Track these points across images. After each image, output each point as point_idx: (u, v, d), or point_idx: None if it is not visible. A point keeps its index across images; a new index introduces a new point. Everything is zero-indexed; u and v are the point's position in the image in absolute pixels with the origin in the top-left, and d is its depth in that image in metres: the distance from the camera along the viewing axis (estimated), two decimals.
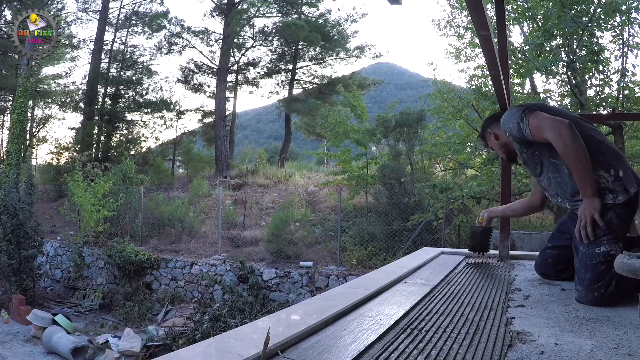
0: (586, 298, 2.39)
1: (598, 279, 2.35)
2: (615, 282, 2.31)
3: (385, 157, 16.04)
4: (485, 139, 3.34)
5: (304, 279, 11.93)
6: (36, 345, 10.04)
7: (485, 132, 3.30)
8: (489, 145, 3.38)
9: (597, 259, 2.40)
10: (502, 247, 4.02)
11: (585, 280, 2.40)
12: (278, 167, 24.63)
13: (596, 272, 2.37)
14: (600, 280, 2.34)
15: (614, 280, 2.31)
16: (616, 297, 2.34)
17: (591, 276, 2.39)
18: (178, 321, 10.81)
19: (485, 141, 3.37)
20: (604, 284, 2.34)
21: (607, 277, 2.33)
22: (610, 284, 2.33)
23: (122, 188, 16.32)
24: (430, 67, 31.21)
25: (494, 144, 3.28)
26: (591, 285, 2.37)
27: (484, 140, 3.37)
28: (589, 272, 2.40)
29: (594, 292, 2.36)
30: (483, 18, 2.29)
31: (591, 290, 2.37)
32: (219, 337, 1.76)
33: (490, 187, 10.38)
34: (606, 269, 2.34)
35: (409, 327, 1.89)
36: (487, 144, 3.40)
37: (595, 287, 2.35)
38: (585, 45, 9.27)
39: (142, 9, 28.68)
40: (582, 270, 2.46)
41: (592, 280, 2.37)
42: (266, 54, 29.32)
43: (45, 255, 15.42)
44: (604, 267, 2.35)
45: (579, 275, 2.48)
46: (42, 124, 29.19)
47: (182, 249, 14.80)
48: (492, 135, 3.22)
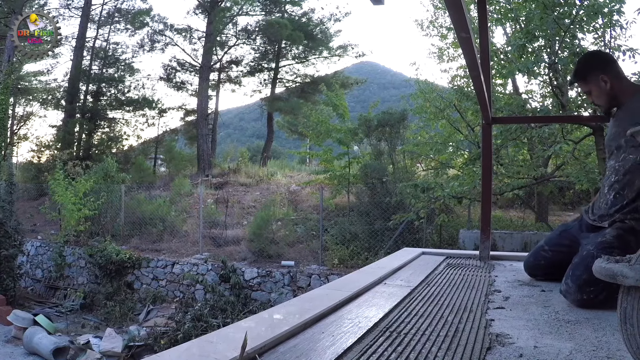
0: (573, 296, 2.39)
1: (593, 283, 2.30)
2: (606, 293, 2.29)
3: (368, 157, 16.07)
4: (589, 80, 2.93)
5: (285, 278, 11.91)
6: (17, 346, 9.91)
7: (595, 73, 2.87)
8: (586, 86, 2.99)
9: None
10: (483, 248, 4.02)
11: (580, 280, 2.38)
12: (260, 166, 24.57)
13: (594, 277, 2.34)
14: (594, 286, 2.31)
15: (606, 291, 2.29)
16: (602, 305, 2.32)
17: (587, 278, 2.34)
18: (160, 321, 10.74)
19: (586, 81, 2.96)
20: (595, 290, 2.32)
21: (601, 285, 2.28)
22: (602, 293, 2.31)
23: (103, 187, 16.17)
24: (413, 67, 31.44)
25: (598, 89, 2.88)
26: (584, 286, 2.34)
27: (585, 80, 2.97)
28: (586, 273, 2.34)
29: (583, 294, 2.35)
30: (463, 20, 2.27)
31: (582, 291, 2.35)
32: (201, 339, 1.74)
33: (471, 187, 10.41)
34: None
35: (388, 329, 1.88)
36: (582, 84, 3.05)
37: (587, 290, 2.34)
38: (567, 47, 9.33)
39: (124, 6, 28.39)
40: (580, 268, 2.43)
41: (588, 282, 2.34)
42: (249, 52, 29.20)
43: (26, 255, 15.27)
44: None
45: (575, 273, 2.44)
46: (23, 122, 28.85)
47: (164, 248, 14.71)
48: (606, 82, 2.82)
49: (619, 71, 2.86)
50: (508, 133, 10.38)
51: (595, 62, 2.99)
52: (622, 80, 2.83)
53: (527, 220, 14.70)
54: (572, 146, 10.15)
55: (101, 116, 27.39)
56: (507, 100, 11.33)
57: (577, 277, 2.40)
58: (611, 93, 2.82)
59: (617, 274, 1.28)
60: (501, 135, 10.30)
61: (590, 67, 2.93)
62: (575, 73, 3.05)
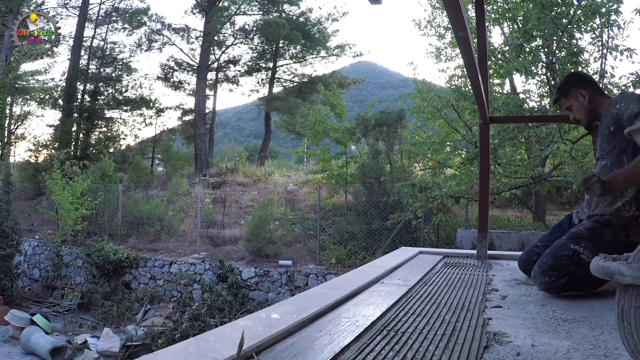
0: (538, 280, 2.63)
1: (555, 268, 2.57)
2: (568, 278, 2.52)
3: (365, 156, 16.06)
4: (569, 96, 3.17)
5: (283, 277, 11.90)
6: (14, 345, 9.87)
7: (575, 89, 3.13)
8: (568, 101, 3.20)
9: (565, 251, 2.57)
10: (480, 247, 4.03)
11: (545, 265, 2.62)
12: (258, 165, 24.54)
13: (557, 263, 2.56)
14: (556, 270, 2.57)
15: (568, 276, 2.54)
16: (565, 290, 2.57)
17: (551, 263, 2.59)
18: (157, 321, 10.72)
19: (567, 97, 3.19)
20: (558, 274, 2.54)
21: (563, 271, 2.53)
22: (563, 277, 2.53)
23: (100, 186, 16.14)
24: (411, 66, 31.55)
25: (579, 105, 3.12)
26: (548, 270, 2.60)
27: (566, 95, 3.19)
28: (551, 259, 2.62)
29: (545, 277, 2.59)
30: (461, 19, 2.27)
31: (545, 274, 2.59)
32: (198, 338, 1.74)
33: (469, 187, 10.40)
34: (568, 264, 2.53)
35: (386, 328, 1.88)
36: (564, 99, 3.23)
37: (549, 273, 2.57)
38: (565, 47, 9.33)
39: (122, 5, 28.36)
40: (548, 254, 2.68)
41: (551, 267, 2.59)
42: (247, 52, 29.17)
43: (23, 255, 15.21)
44: (566, 261, 2.53)
45: (542, 259, 2.68)
46: (21, 121, 28.77)
47: (161, 248, 14.69)
48: (584, 97, 3.07)
49: (597, 88, 3.15)
50: (505, 133, 10.38)
51: (575, 79, 3.27)
52: (599, 95, 3.09)
53: (525, 220, 14.72)
54: (569, 146, 10.15)
55: (99, 116, 27.34)
56: (504, 100, 11.33)
57: (544, 263, 2.65)
58: (589, 107, 3.08)
59: (614, 272, 1.28)
60: (499, 135, 10.30)
61: (570, 84, 3.21)
62: (558, 89, 3.30)
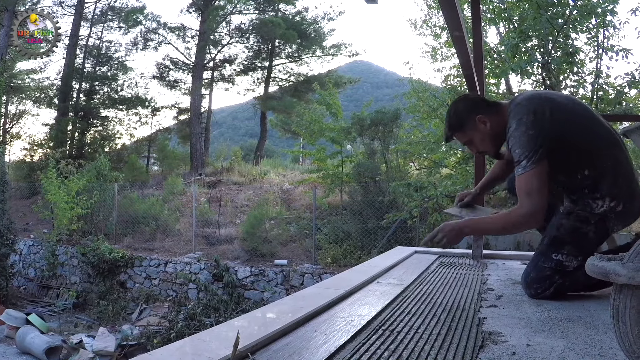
0: (525, 290, 2.51)
1: (539, 280, 2.42)
2: (554, 289, 2.39)
3: (361, 156, 16.08)
4: (467, 128, 2.66)
5: (278, 277, 11.90)
6: (9, 345, 9.87)
7: (471, 118, 2.62)
8: (466, 136, 2.71)
9: (548, 263, 2.42)
10: (475, 247, 4.03)
11: (528, 277, 2.47)
12: (253, 164, 24.55)
13: (540, 275, 2.42)
14: (540, 283, 2.41)
15: (553, 287, 2.39)
16: (553, 298, 2.41)
17: (534, 276, 2.44)
18: (153, 320, 10.72)
19: (464, 131, 2.68)
20: (542, 286, 2.41)
21: (547, 282, 2.40)
22: (549, 289, 2.39)
23: (96, 185, 16.10)
24: (407, 66, 31.33)
25: (480, 135, 2.65)
26: (532, 283, 2.45)
27: (462, 130, 2.68)
28: (534, 271, 2.46)
29: (531, 289, 2.45)
30: (457, 19, 2.28)
31: (530, 287, 2.45)
32: (193, 337, 1.73)
33: (464, 186, 10.43)
34: (551, 275, 2.39)
35: (381, 328, 1.88)
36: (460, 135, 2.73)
37: (534, 286, 2.43)
38: (561, 47, 9.37)
39: (118, 4, 28.28)
40: (531, 265, 2.51)
41: (534, 279, 2.44)
42: (242, 51, 29.18)
43: (18, 254, 15.18)
44: (549, 272, 2.40)
45: (526, 269, 2.54)
46: (16, 120, 28.64)
47: (157, 247, 14.68)
48: (485, 123, 2.59)
49: (491, 106, 2.67)
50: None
51: (466, 106, 2.70)
52: (497, 114, 2.60)
53: None
54: None
55: (94, 115, 27.30)
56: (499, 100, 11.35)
57: (527, 274, 2.51)
58: (492, 133, 2.61)
59: (609, 272, 1.28)
60: None
61: (463, 113, 2.67)
62: (450, 126, 2.73)
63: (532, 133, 2.30)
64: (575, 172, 2.42)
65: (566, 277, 2.38)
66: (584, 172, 2.40)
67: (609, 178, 2.38)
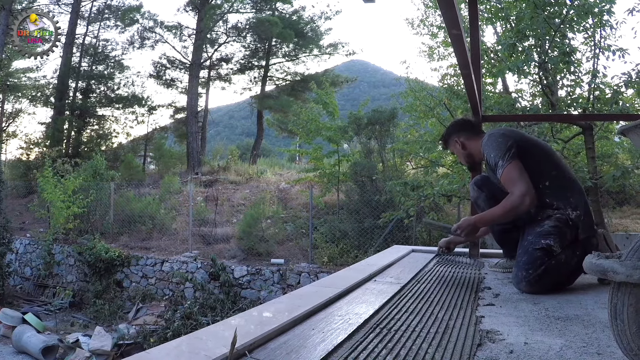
0: (517, 278, 2.72)
1: (531, 261, 2.68)
2: (544, 269, 2.65)
3: (357, 155, 16.06)
4: (449, 144, 3.46)
5: (275, 276, 11.89)
6: (6, 344, 9.86)
7: (451, 138, 3.42)
8: (450, 150, 3.53)
9: (538, 245, 2.70)
10: (473, 246, 4.03)
11: (521, 262, 2.74)
12: (250, 163, 24.54)
13: (532, 257, 2.69)
14: (532, 264, 2.67)
15: (543, 266, 2.65)
16: (543, 282, 2.65)
17: (526, 259, 2.72)
18: (149, 319, 10.70)
19: (448, 145, 3.50)
20: (534, 266, 2.67)
21: (538, 262, 2.67)
22: (539, 269, 2.65)
23: (92, 184, 16.07)
24: (404, 65, 31.55)
25: (458, 152, 3.42)
26: (524, 265, 2.70)
27: (447, 144, 3.50)
28: (525, 255, 2.75)
29: (522, 272, 2.69)
30: (455, 17, 2.27)
31: (522, 269, 2.70)
32: (190, 336, 1.73)
33: (461, 186, 10.42)
34: (541, 256, 2.67)
35: (378, 326, 1.88)
36: (447, 147, 3.55)
37: (525, 267, 2.69)
38: (557, 47, 9.35)
39: (114, 3, 28.23)
40: (521, 254, 2.81)
41: (526, 262, 2.70)
42: (239, 50, 29.21)
43: (14, 253, 15.14)
44: (540, 254, 2.68)
45: (517, 260, 2.82)
46: (12, 119, 28.52)
47: (153, 246, 14.65)
48: (459, 144, 3.36)
49: (473, 131, 3.39)
50: None
51: (452, 128, 3.48)
52: (475, 138, 3.30)
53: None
54: (561, 145, 10.19)
55: (90, 113, 27.23)
56: (497, 99, 11.34)
57: (519, 262, 2.78)
58: (464, 152, 3.36)
59: (607, 270, 1.28)
60: None
61: (449, 133, 3.46)
62: (441, 138, 3.58)
63: (502, 140, 2.89)
64: (538, 182, 2.81)
65: (552, 258, 2.66)
66: (545, 183, 2.84)
67: (567, 192, 2.84)
